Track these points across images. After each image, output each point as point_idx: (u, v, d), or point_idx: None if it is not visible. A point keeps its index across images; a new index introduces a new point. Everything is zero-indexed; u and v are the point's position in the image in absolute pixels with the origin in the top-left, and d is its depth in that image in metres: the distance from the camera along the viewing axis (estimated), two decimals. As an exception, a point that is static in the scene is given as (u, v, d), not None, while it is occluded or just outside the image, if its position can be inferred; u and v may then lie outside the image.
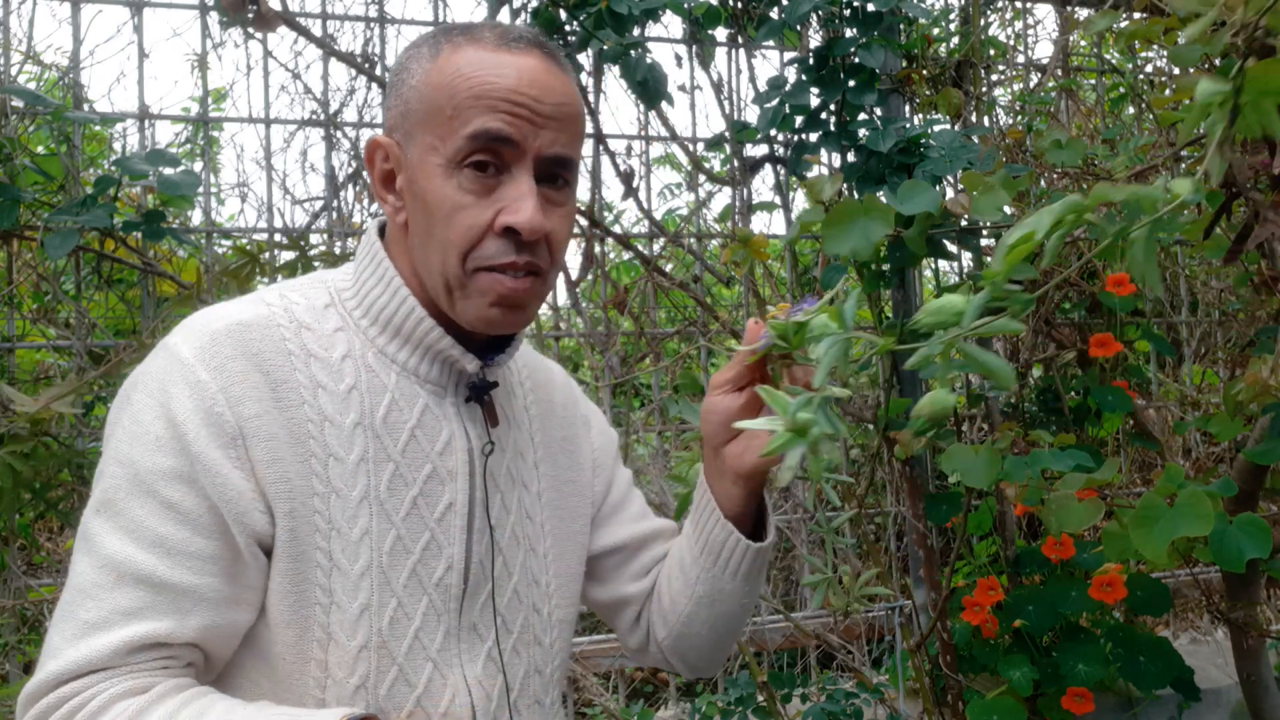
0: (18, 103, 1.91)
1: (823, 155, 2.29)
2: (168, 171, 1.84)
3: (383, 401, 0.92)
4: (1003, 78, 2.78)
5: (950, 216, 1.93)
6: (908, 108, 2.41)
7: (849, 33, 2.17)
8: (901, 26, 2.36)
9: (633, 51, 2.07)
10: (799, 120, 2.25)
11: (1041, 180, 2.43)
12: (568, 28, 2.09)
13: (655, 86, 2.09)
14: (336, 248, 2.15)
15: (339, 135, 2.20)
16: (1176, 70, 2.58)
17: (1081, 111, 2.82)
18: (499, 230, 0.87)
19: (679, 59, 2.40)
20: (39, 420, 1.72)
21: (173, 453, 0.84)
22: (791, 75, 2.24)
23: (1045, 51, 5.14)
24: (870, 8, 2.15)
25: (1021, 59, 2.78)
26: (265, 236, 2.12)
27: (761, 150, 2.43)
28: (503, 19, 2.22)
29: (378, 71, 2.20)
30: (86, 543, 0.84)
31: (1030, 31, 3.28)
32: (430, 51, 0.91)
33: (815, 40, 2.39)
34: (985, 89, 2.60)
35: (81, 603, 0.82)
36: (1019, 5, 2.79)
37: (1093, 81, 3.02)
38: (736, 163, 2.41)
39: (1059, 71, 2.74)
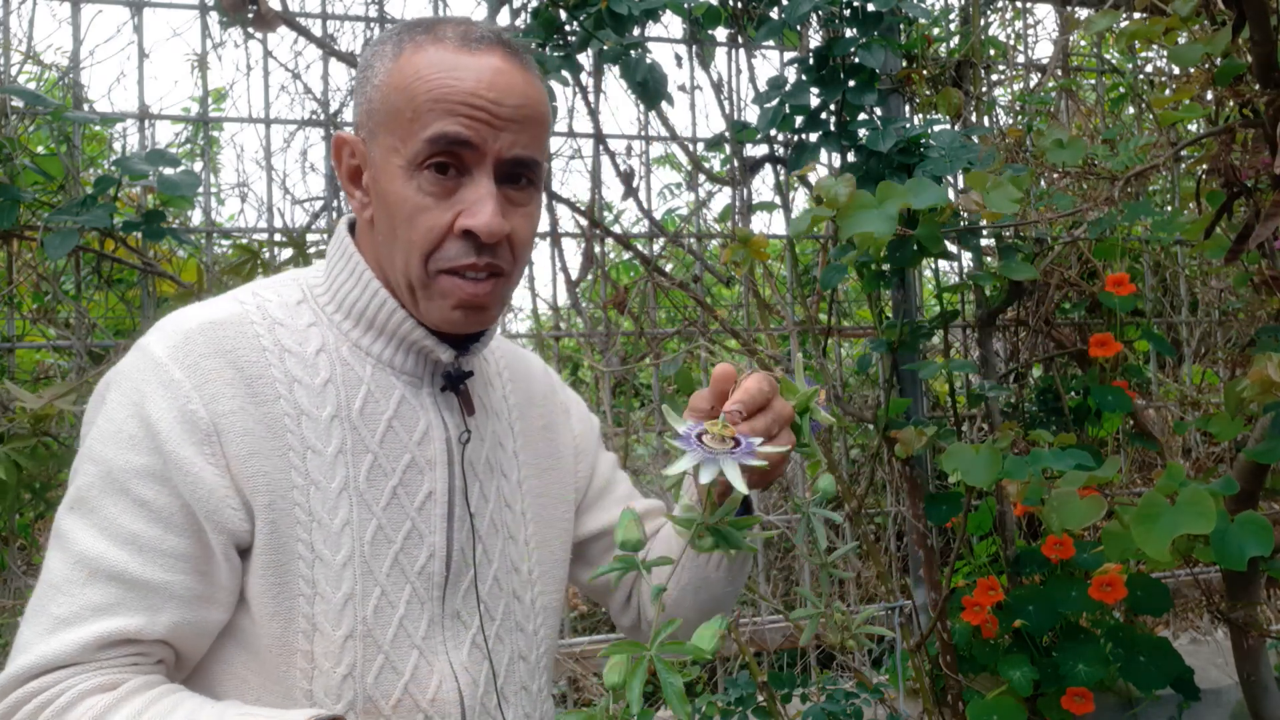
0: (18, 103, 1.91)
1: (823, 155, 2.29)
2: (168, 171, 1.84)
3: (359, 394, 0.93)
4: (1003, 78, 2.78)
5: (956, 215, 1.93)
6: (908, 108, 2.41)
7: (849, 33, 2.18)
8: (901, 26, 2.36)
9: (633, 51, 2.08)
10: (799, 120, 2.25)
11: (1041, 180, 2.43)
12: (568, 28, 2.09)
13: (655, 87, 2.09)
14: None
15: (339, 135, 2.19)
16: (1176, 70, 2.58)
17: (1081, 111, 2.82)
18: (459, 232, 0.88)
19: (679, 59, 2.40)
20: (40, 419, 1.72)
21: (146, 451, 0.84)
22: (791, 75, 2.24)
23: (1045, 51, 5.14)
24: (870, 8, 2.15)
25: (1021, 59, 2.78)
26: (265, 236, 2.12)
27: (761, 150, 2.43)
28: (503, 19, 2.22)
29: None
30: (59, 539, 0.85)
31: (1030, 31, 3.29)
32: (393, 50, 0.91)
33: (815, 40, 2.39)
34: (985, 89, 2.60)
35: (53, 598, 0.83)
36: (1019, 5, 2.79)
37: (1093, 81, 3.02)
38: (736, 163, 2.41)
39: (1059, 71, 2.74)
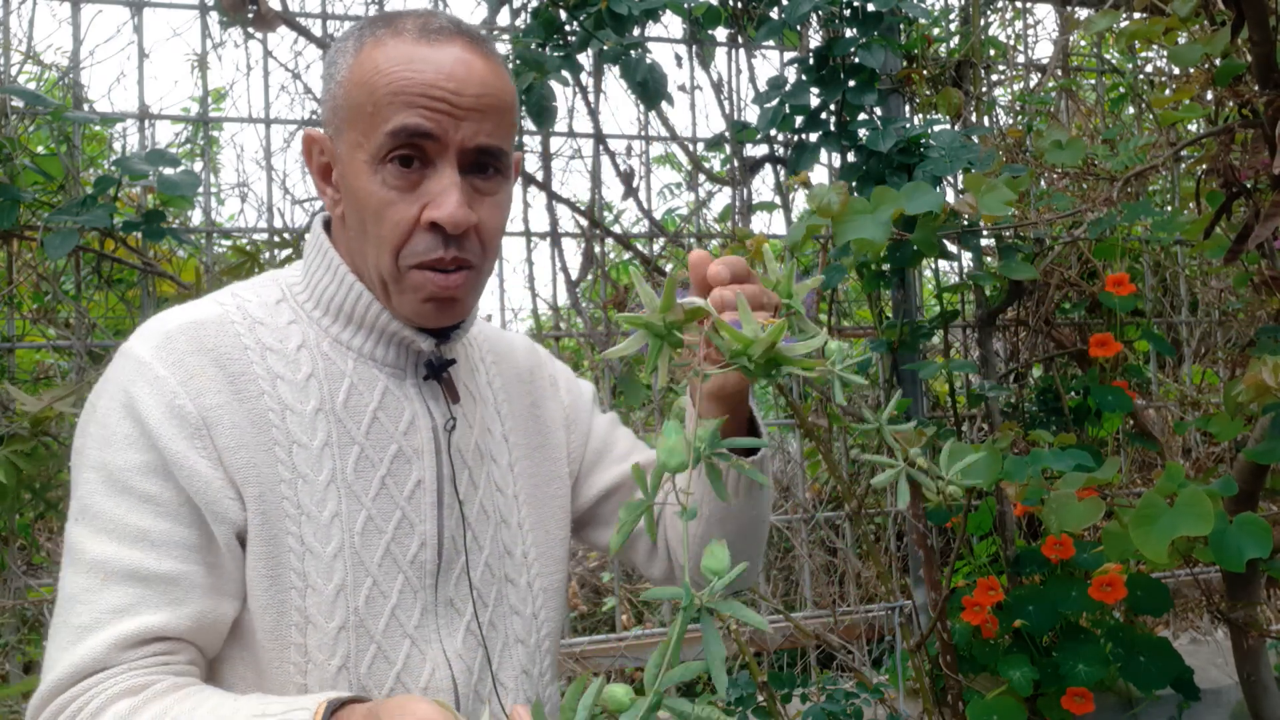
0: (18, 103, 1.91)
1: (823, 155, 2.29)
2: (168, 171, 1.84)
3: (342, 387, 0.93)
4: (1003, 78, 2.78)
5: (956, 215, 1.92)
6: (908, 108, 2.41)
7: (849, 33, 2.18)
8: (901, 26, 2.36)
9: (633, 52, 2.07)
10: (799, 120, 2.25)
11: (1041, 180, 2.43)
12: (568, 28, 2.09)
13: (655, 87, 2.09)
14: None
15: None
16: (1176, 70, 2.58)
17: (1081, 111, 2.82)
18: (425, 225, 0.88)
19: (679, 59, 2.39)
20: (40, 420, 1.72)
21: (143, 448, 0.84)
22: (791, 75, 2.24)
23: (1045, 51, 5.14)
24: (870, 8, 2.15)
25: (1021, 59, 2.78)
26: (265, 236, 2.12)
27: (761, 150, 2.43)
28: (503, 19, 2.22)
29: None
30: (70, 553, 0.85)
31: (1030, 31, 3.28)
32: (354, 46, 0.91)
33: (815, 40, 2.39)
34: (985, 89, 2.60)
35: (72, 609, 0.82)
36: (1019, 5, 2.79)
37: (1093, 81, 3.02)
38: (736, 163, 2.41)
39: (1059, 71, 2.74)
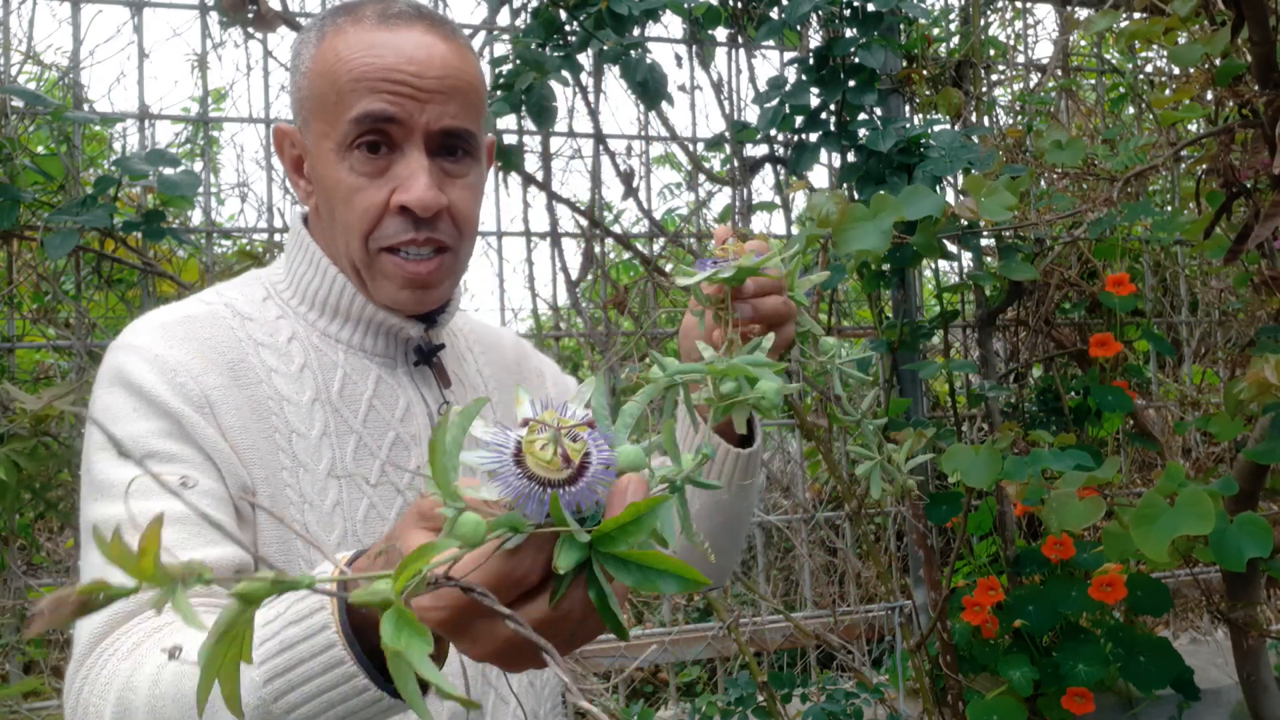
0: (18, 103, 1.91)
1: (823, 155, 2.29)
2: (168, 171, 1.84)
3: (335, 377, 0.93)
4: (1003, 78, 2.78)
5: (954, 217, 1.92)
6: (908, 108, 2.41)
7: (849, 33, 2.17)
8: (901, 26, 2.36)
9: (633, 52, 2.07)
10: (799, 120, 2.25)
11: (1041, 180, 2.43)
12: (568, 28, 2.09)
13: (655, 87, 2.09)
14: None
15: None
16: (1176, 70, 2.58)
17: (1081, 111, 2.82)
18: (395, 209, 0.88)
19: (679, 59, 2.39)
20: (40, 420, 1.72)
21: (153, 415, 0.83)
22: (791, 75, 2.24)
23: (1045, 51, 5.13)
24: (870, 8, 2.15)
25: (1021, 59, 2.78)
26: (265, 236, 2.12)
27: (761, 150, 2.43)
28: (502, 19, 2.22)
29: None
30: (90, 533, 0.82)
31: (1030, 31, 3.28)
32: (316, 37, 0.92)
33: (815, 40, 2.39)
34: (985, 89, 2.60)
35: (106, 572, 0.80)
36: (1019, 5, 2.79)
37: (1093, 81, 3.01)
38: (736, 163, 2.41)
39: (1059, 71, 2.74)
